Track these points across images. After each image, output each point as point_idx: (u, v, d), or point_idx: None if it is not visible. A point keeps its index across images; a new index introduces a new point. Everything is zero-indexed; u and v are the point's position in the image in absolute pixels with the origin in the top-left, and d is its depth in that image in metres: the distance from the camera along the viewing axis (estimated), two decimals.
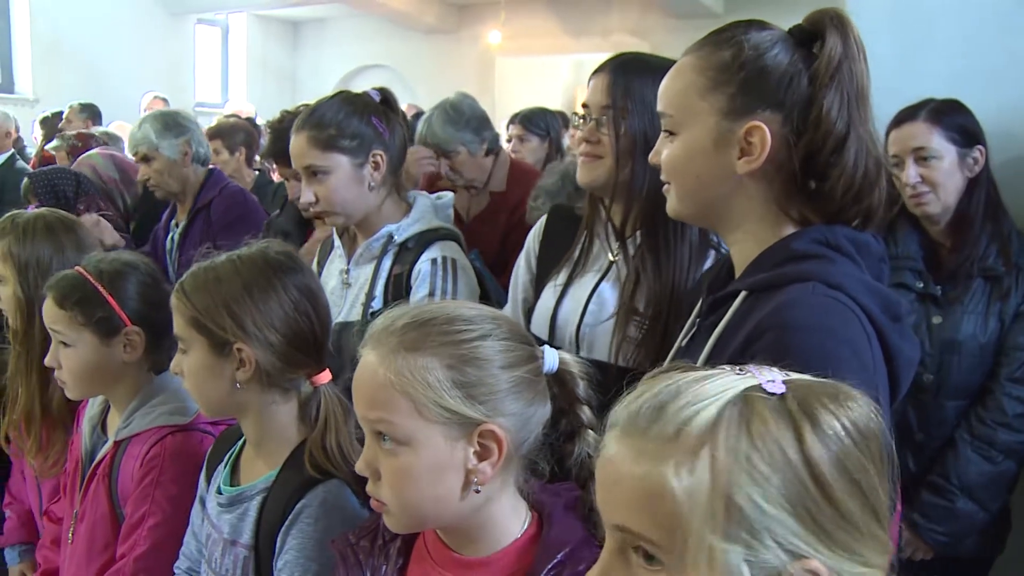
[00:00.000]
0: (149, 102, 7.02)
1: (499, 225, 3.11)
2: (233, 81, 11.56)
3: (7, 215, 2.15)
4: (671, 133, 1.30)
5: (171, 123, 3.34)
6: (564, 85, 12.42)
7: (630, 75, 1.72)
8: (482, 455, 1.12)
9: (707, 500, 0.74)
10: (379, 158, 2.04)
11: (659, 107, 1.32)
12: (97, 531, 1.78)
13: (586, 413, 1.24)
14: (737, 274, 1.31)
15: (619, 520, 0.80)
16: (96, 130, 5.46)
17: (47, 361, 1.83)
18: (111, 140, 5.01)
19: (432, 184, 3.14)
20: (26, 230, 2.09)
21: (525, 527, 1.20)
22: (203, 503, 1.64)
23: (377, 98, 2.10)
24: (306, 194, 2.04)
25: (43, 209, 2.22)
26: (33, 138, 6.37)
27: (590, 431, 1.23)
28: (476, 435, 1.11)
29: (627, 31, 9.67)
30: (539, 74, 11.57)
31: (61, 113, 6.35)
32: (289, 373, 1.50)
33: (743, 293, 1.24)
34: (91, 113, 6.28)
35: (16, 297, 2.06)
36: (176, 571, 1.67)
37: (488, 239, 2.97)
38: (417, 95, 9.31)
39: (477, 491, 1.13)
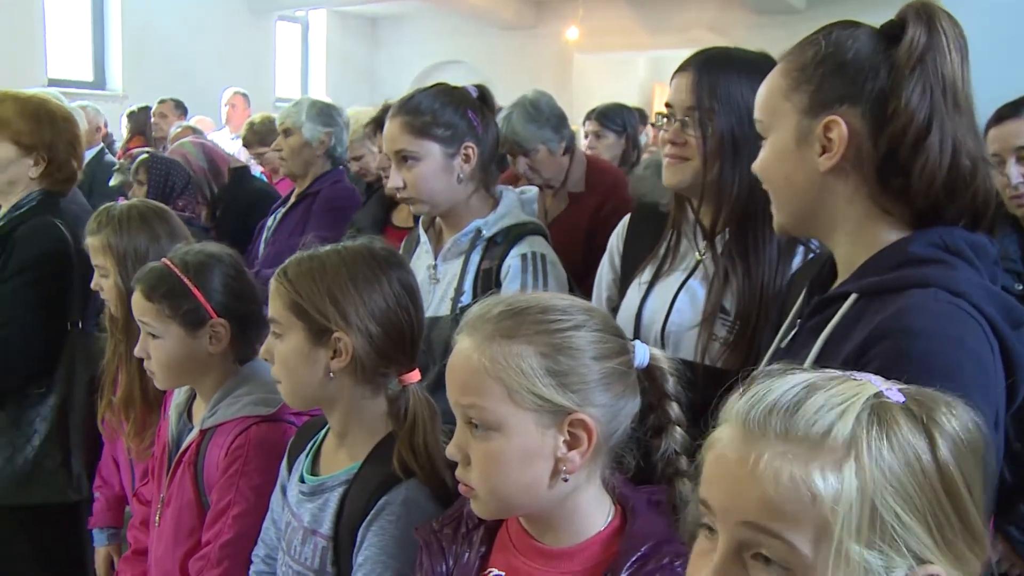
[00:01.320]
0: (229, 97, 7.15)
1: (580, 228, 3.08)
2: (312, 77, 11.72)
3: (102, 208, 2.20)
4: (766, 139, 1.30)
5: (325, 112, 3.49)
6: (640, 82, 12.37)
7: (715, 73, 1.68)
8: (572, 444, 1.13)
9: (852, 506, 0.75)
10: (470, 151, 2.04)
11: (755, 114, 1.32)
12: (183, 517, 1.81)
13: (675, 409, 1.23)
14: (841, 276, 1.28)
15: (751, 518, 0.79)
16: (179, 125, 5.61)
17: (136, 352, 1.86)
18: (195, 134, 5.13)
19: (513, 182, 3.14)
20: (122, 221, 2.13)
21: (609, 520, 1.20)
22: (284, 491, 1.66)
23: (475, 93, 2.10)
24: (395, 179, 2.06)
25: (134, 200, 2.28)
26: (121, 132, 6.53)
27: (678, 427, 1.23)
28: (567, 424, 1.12)
29: (705, 27, 9.56)
30: (615, 71, 11.54)
31: (147, 108, 6.51)
32: (383, 368, 1.50)
33: (853, 296, 1.20)
34: (180, 108, 6.45)
35: (117, 287, 2.10)
36: (254, 558, 1.69)
37: (570, 242, 2.93)
38: (494, 91, 9.27)
39: (565, 479, 1.14)
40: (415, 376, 1.53)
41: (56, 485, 2.44)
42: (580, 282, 2.39)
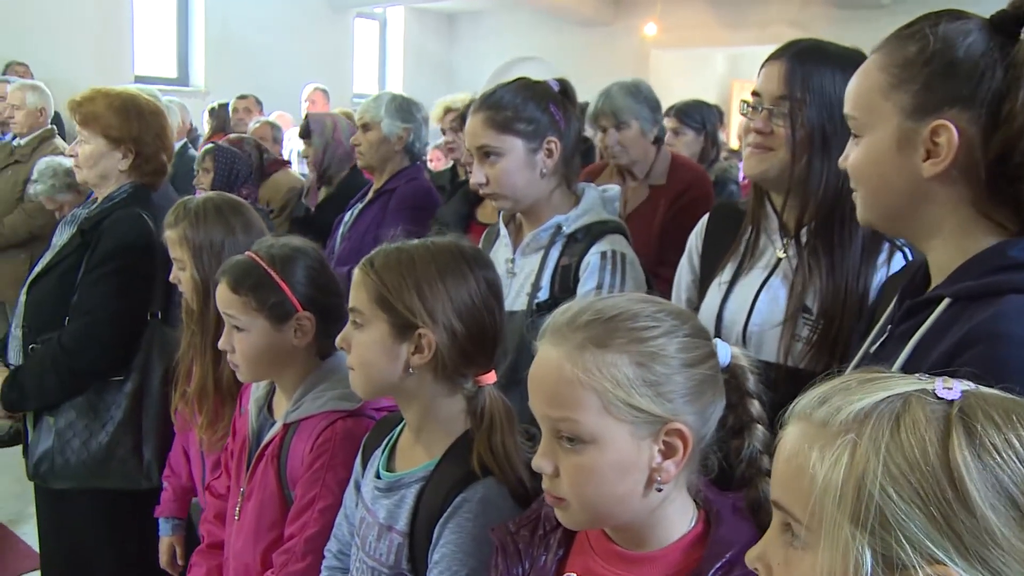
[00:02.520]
0: (309, 93, 7.25)
1: (657, 220, 3.07)
2: (390, 73, 11.82)
3: (179, 201, 2.23)
4: (858, 137, 1.23)
5: (405, 108, 3.50)
6: (718, 78, 12.21)
7: (808, 64, 1.63)
8: (667, 453, 1.10)
9: (841, 483, 0.75)
10: (553, 145, 2.02)
11: (845, 109, 1.25)
12: (265, 510, 1.81)
13: (756, 408, 1.20)
14: (935, 280, 1.22)
15: (775, 495, 0.84)
16: (258, 120, 5.71)
17: (220, 345, 1.86)
18: (273, 129, 5.22)
19: (596, 174, 3.14)
20: (198, 214, 2.15)
21: (692, 525, 1.17)
22: (358, 487, 1.65)
23: (556, 88, 2.08)
24: (477, 175, 2.04)
25: (211, 193, 2.30)
26: (203, 128, 6.67)
27: (759, 426, 1.19)
28: (662, 433, 1.09)
29: (786, 23, 9.38)
30: (693, 67, 11.41)
31: (227, 104, 6.64)
32: (463, 367, 1.48)
33: (947, 300, 1.15)
34: (258, 104, 6.56)
35: (193, 280, 2.13)
36: (326, 553, 1.68)
37: (645, 234, 2.92)
38: None
39: (659, 490, 1.11)
40: (491, 377, 1.52)
41: (127, 472, 2.49)
42: (654, 271, 2.38)
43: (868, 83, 1.21)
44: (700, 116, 4.12)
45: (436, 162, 6.18)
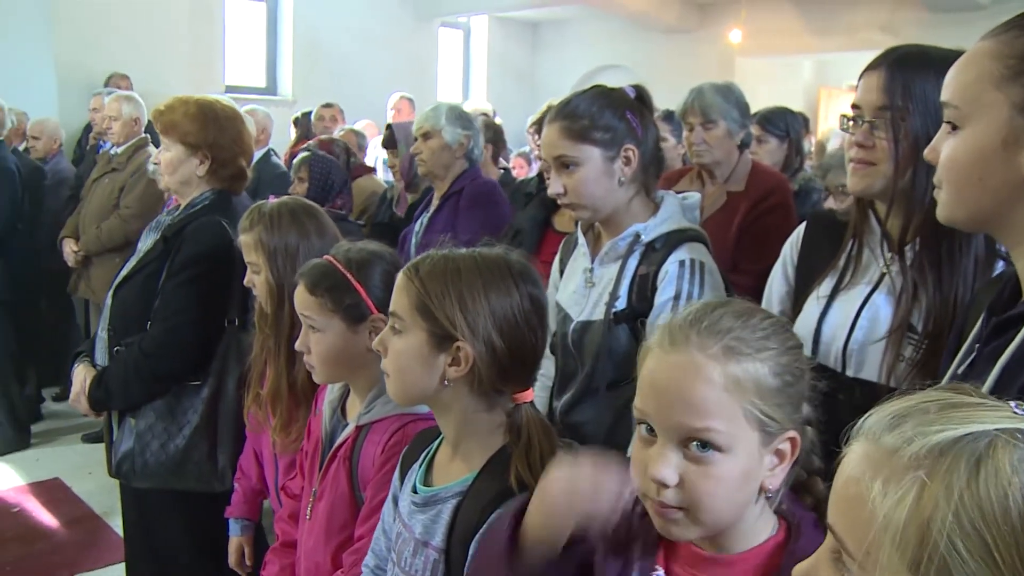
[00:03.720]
0: (395, 102, 7.33)
1: (733, 226, 3.03)
2: (474, 81, 11.91)
3: (254, 206, 2.26)
4: (954, 127, 1.15)
5: (462, 116, 3.61)
6: (805, 85, 11.99)
7: (909, 71, 1.57)
8: (778, 462, 1.11)
9: (903, 525, 0.68)
10: (631, 153, 1.99)
11: (943, 96, 1.17)
12: (336, 511, 1.83)
13: (806, 410, 1.17)
14: None
15: (831, 518, 0.78)
16: (342, 128, 5.81)
17: (297, 346, 1.89)
18: (358, 138, 5.30)
19: (674, 180, 3.11)
20: (273, 219, 2.18)
21: (772, 534, 1.15)
22: (395, 501, 1.64)
23: (632, 94, 2.06)
24: (555, 185, 2.02)
25: (285, 198, 2.32)
26: (290, 136, 6.80)
27: (808, 427, 1.17)
28: (781, 441, 1.09)
29: (876, 28, 9.17)
30: (779, 74, 11.22)
31: (310, 113, 6.77)
32: (500, 383, 1.45)
33: None
34: (341, 113, 6.67)
35: (268, 283, 2.16)
36: (363, 568, 1.68)
37: (720, 240, 2.88)
38: (654, 96, 9.19)
39: (768, 497, 1.11)
40: (529, 395, 1.49)
41: (202, 474, 2.55)
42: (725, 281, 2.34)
43: (977, 72, 1.13)
44: (784, 124, 4.04)
45: (519, 169, 6.21)
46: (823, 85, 12.00)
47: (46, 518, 4.43)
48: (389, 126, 4.28)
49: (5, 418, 5.30)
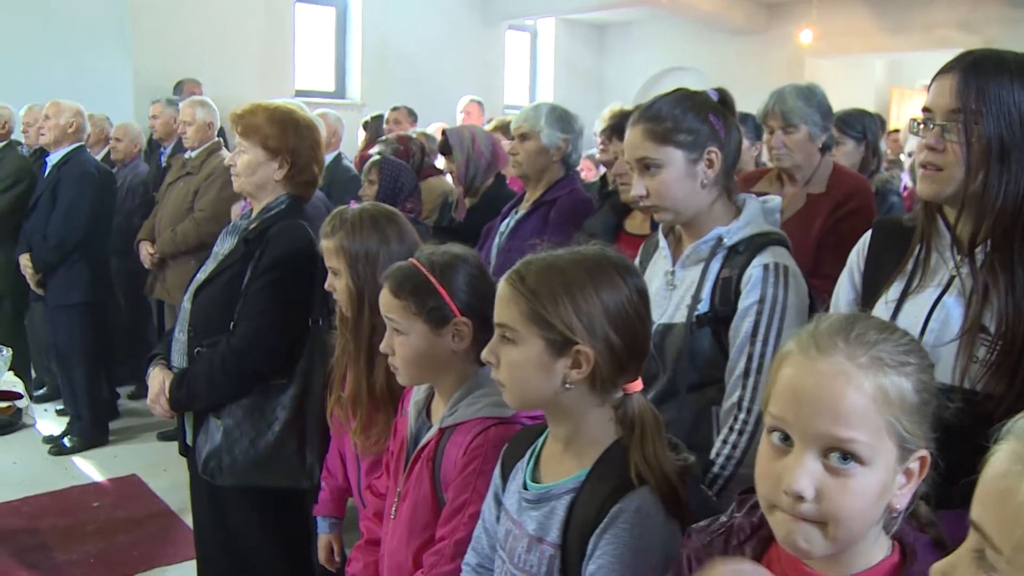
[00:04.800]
0: (465, 105, 7.38)
1: (814, 230, 2.98)
2: (541, 84, 11.91)
3: (335, 211, 2.30)
4: None
5: (564, 118, 3.48)
6: (876, 86, 11.77)
7: (983, 75, 1.53)
8: (906, 481, 1.09)
9: None
10: (714, 156, 1.99)
11: None
12: (419, 511, 1.85)
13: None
14: None
15: (975, 514, 0.78)
16: (414, 132, 5.84)
17: (382, 348, 1.91)
18: (428, 140, 5.33)
19: (753, 180, 3.08)
20: (354, 225, 2.21)
21: (886, 555, 1.13)
22: (497, 499, 1.64)
23: (715, 97, 2.05)
24: (637, 187, 2.03)
25: (366, 204, 2.35)
26: (358, 139, 6.85)
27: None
28: (911, 461, 1.07)
29: (954, 25, 8.96)
30: (850, 75, 11.03)
31: (380, 116, 6.82)
32: (617, 378, 1.46)
33: None
34: (412, 115, 6.72)
35: (348, 288, 2.19)
36: (464, 567, 1.68)
37: (800, 243, 2.83)
38: None
39: (894, 517, 1.09)
40: (638, 385, 1.49)
41: (291, 471, 2.59)
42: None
43: None
44: (861, 125, 3.96)
45: (587, 172, 6.18)
46: (895, 85, 11.76)
47: (124, 513, 4.53)
48: (444, 132, 4.26)
49: (88, 415, 5.44)
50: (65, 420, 5.60)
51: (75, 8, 7.27)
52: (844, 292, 1.92)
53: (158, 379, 2.67)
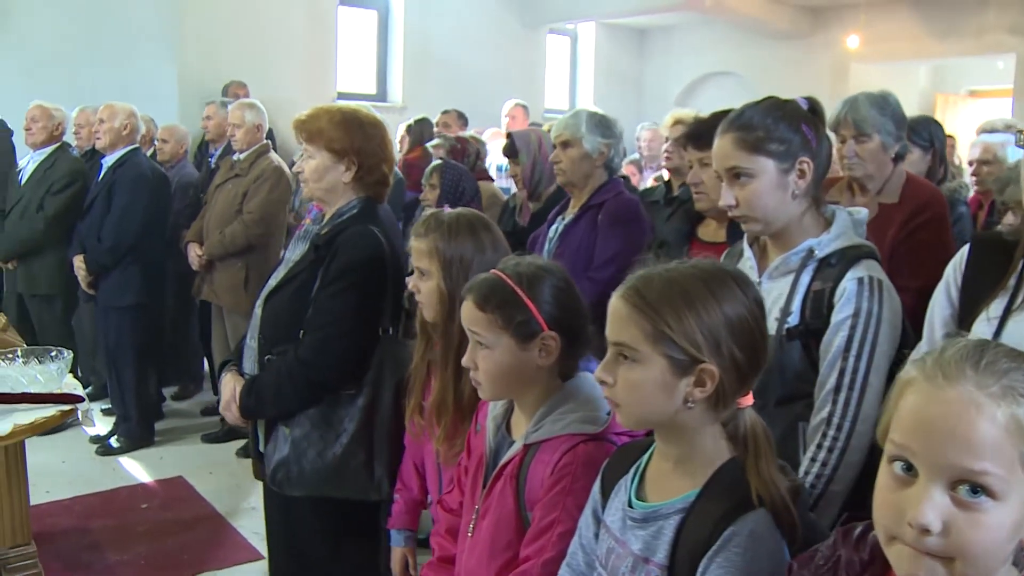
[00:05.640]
0: (510, 109, 7.36)
1: (886, 240, 2.91)
2: (581, 88, 11.86)
3: (430, 213, 2.25)
4: None
5: (604, 124, 3.47)
6: (921, 92, 11.61)
7: None
8: None
9: None
10: (805, 166, 1.95)
11: None
12: (501, 530, 1.79)
13: None
14: None
15: None
16: (467, 133, 5.84)
17: (464, 362, 1.86)
18: (479, 144, 5.32)
19: (827, 188, 3.02)
20: (451, 227, 2.17)
21: None
22: (596, 517, 1.60)
23: (805, 106, 2.01)
24: (726, 197, 1.99)
25: (462, 209, 2.30)
26: (399, 142, 6.82)
27: None
28: None
29: (1005, 29, 8.81)
30: (894, 80, 10.85)
31: (425, 120, 6.81)
32: (738, 394, 1.41)
33: None
34: (461, 119, 6.71)
35: (439, 291, 2.14)
36: None
37: None
38: None
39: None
40: (750, 399, 1.44)
41: (359, 483, 2.54)
42: None
43: None
44: (928, 133, 3.88)
45: (633, 178, 6.14)
46: (940, 91, 11.59)
47: (172, 515, 4.54)
48: (510, 135, 4.24)
49: (136, 415, 5.46)
50: (110, 420, 5.63)
51: (121, 11, 7.33)
52: (940, 307, 1.88)
53: (229, 386, 2.64)
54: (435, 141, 4.09)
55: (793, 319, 1.94)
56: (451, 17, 9.74)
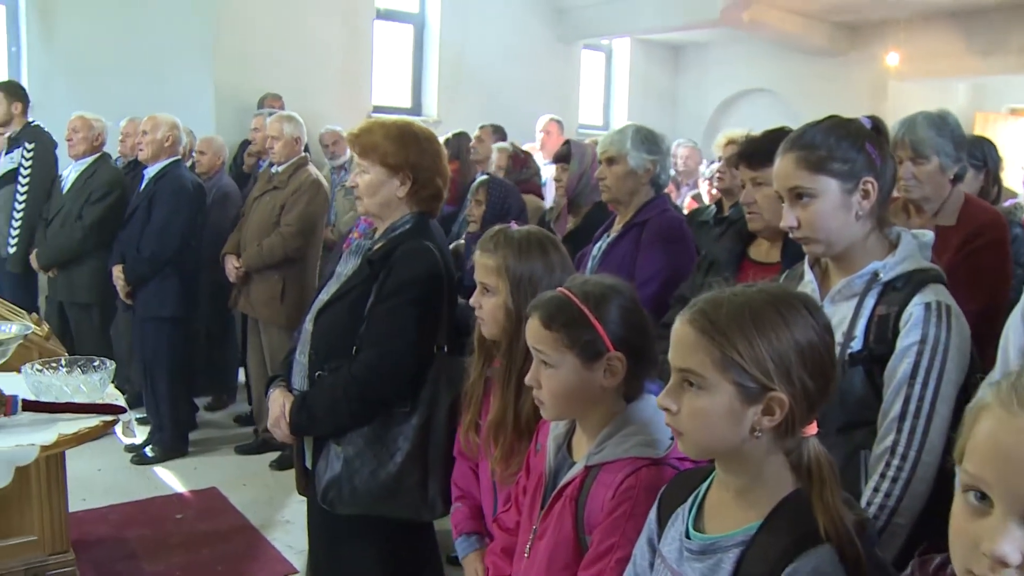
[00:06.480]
0: (545, 124, 7.33)
1: (942, 263, 2.83)
2: (615, 104, 11.84)
3: (498, 228, 2.22)
4: None
5: (650, 140, 3.40)
6: (960, 109, 11.47)
7: None
8: None
9: None
10: (870, 186, 1.90)
11: None
12: (558, 552, 1.76)
13: None
14: None
15: None
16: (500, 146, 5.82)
17: (527, 380, 1.83)
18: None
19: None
20: (522, 245, 2.14)
21: None
22: (651, 545, 1.55)
23: (869, 125, 1.96)
24: (788, 218, 1.94)
25: (531, 227, 2.27)
26: None
27: None
28: None
29: None
30: (933, 98, 10.74)
31: (462, 134, 6.79)
32: (806, 422, 1.36)
33: None
34: (498, 132, 6.70)
35: (506, 308, 2.11)
36: None
37: None
38: (800, 120, 8.94)
39: None
40: (814, 428, 1.38)
41: (413, 502, 2.50)
42: None
43: None
44: (981, 152, 3.82)
45: (674, 196, 6.11)
46: (979, 110, 11.46)
47: (207, 526, 4.53)
48: (567, 141, 4.21)
49: (170, 426, 5.47)
50: (144, 429, 5.63)
51: (159, 22, 7.39)
52: (1016, 335, 1.84)
53: (278, 402, 2.61)
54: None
55: (856, 344, 1.89)
56: (487, 32, 9.75)
